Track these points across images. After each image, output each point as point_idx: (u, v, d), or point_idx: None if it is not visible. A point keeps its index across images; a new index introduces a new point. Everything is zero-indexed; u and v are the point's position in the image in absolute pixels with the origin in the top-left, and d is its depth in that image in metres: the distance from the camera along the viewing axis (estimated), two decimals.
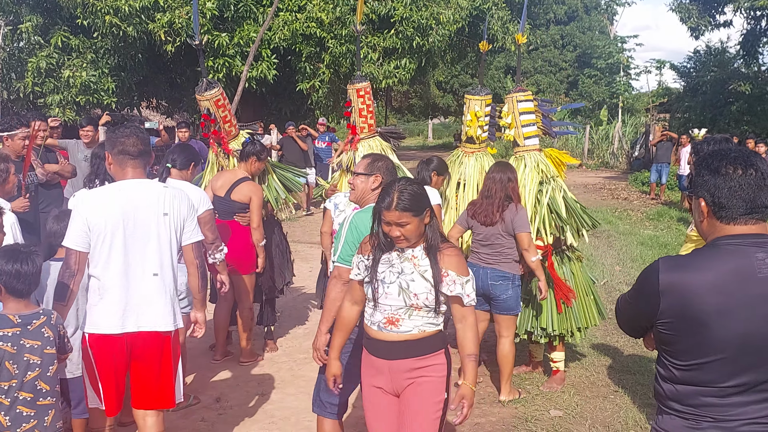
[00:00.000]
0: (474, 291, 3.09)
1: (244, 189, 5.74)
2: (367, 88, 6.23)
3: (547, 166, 5.62)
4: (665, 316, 2.11)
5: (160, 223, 3.54)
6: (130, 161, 3.56)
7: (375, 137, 6.21)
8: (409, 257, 3.08)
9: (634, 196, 18.81)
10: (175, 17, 13.40)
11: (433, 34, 15.50)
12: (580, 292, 5.53)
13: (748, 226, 2.12)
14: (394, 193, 2.98)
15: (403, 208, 2.96)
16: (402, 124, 53.35)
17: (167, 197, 3.59)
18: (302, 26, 14.79)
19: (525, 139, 5.71)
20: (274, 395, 5.38)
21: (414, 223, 3.00)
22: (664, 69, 33.27)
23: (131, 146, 3.55)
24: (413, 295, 3.01)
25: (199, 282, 3.81)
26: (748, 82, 20.38)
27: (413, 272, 3.04)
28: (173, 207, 3.59)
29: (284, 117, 17.62)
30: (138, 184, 3.57)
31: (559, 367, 5.59)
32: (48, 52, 13.62)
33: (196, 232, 3.74)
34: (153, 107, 19.92)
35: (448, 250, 3.09)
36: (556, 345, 5.51)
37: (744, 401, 2.06)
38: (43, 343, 3.16)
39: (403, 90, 34.96)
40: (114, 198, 3.49)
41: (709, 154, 2.20)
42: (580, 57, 41.00)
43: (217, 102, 6.10)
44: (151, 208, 3.52)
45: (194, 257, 3.75)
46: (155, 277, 3.53)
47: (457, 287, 3.02)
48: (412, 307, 3.02)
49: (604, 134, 30.01)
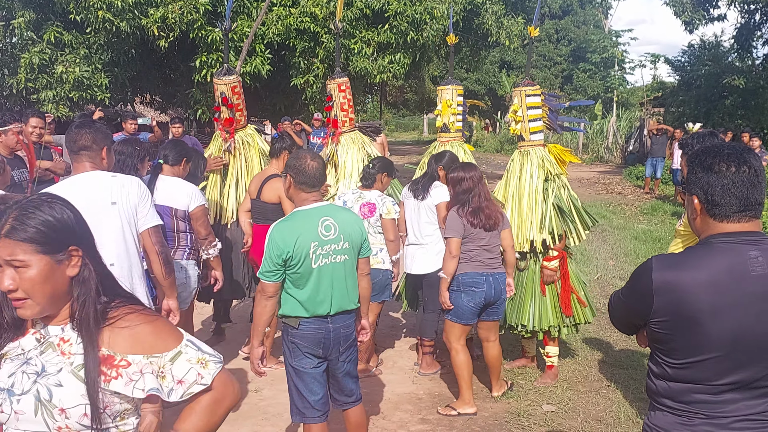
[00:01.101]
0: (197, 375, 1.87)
1: (273, 186, 5.43)
2: (347, 83, 6.34)
3: (552, 163, 5.56)
4: (659, 315, 2.10)
5: (110, 212, 3.55)
6: (76, 156, 3.61)
7: (355, 131, 6.30)
8: (54, 342, 1.81)
9: (629, 190, 18.83)
10: (168, 12, 13.33)
11: (427, 28, 15.47)
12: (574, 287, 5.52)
13: (741, 223, 2.11)
14: (11, 212, 1.73)
15: (24, 238, 1.71)
16: (397, 119, 53.41)
17: (115, 186, 3.59)
18: (296, 21, 14.74)
19: (531, 133, 5.61)
20: (267, 392, 5.38)
21: (41, 269, 1.73)
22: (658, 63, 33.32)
23: (74, 141, 3.60)
24: (59, 411, 1.74)
25: (163, 268, 3.75)
26: (742, 76, 20.43)
27: (61, 370, 1.77)
28: (121, 195, 3.58)
29: (278, 112, 17.58)
30: (85, 176, 3.60)
31: (553, 362, 5.59)
32: (41, 48, 13.54)
33: (150, 217, 3.71)
34: (147, 103, 19.86)
35: (128, 317, 1.82)
36: (551, 340, 5.52)
37: (736, 398, 2.06)
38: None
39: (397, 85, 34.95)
40: (66, 192, 3.44)
41: (702, 151, 2.19)
42: (575, 51, 41.07)
43: (234, 88, 6.21)
44: (99, 199, 3.53)
45: (152, 243, 3.70)
46: (112, 267, 3.50)
47: (149, 381, 1.79)
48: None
49: (598, 129, 30.02)
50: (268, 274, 3.53)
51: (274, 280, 3.54)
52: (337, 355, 3.71)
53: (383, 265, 5.43)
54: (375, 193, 5.46)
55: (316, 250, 3.53)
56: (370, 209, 5.41)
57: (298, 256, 3.49)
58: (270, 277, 3.53)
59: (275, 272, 3.52)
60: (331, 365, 3.75)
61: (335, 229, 3.59)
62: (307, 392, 3.68)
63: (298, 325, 3.61)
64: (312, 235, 3.53)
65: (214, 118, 6.51)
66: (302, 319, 3.60)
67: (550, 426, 4.81)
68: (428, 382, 5.63)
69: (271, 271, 3.52)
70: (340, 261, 3.62)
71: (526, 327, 5.40)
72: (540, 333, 5.49)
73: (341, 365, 3.76)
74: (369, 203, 5.42)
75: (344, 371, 3.79)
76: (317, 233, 3.54)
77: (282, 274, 3.54)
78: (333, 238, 3.58)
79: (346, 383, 3.83)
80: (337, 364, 3.75)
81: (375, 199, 5.42)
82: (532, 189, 5.44)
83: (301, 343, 3.63)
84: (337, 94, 6.27)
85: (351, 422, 3.97)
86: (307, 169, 3.60)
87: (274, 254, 3.49)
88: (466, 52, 20.35)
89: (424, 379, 5.68)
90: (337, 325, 3.65)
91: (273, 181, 5.43)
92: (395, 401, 5.24)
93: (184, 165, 5.09)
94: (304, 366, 3.65)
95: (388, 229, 5.38)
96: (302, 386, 3.69)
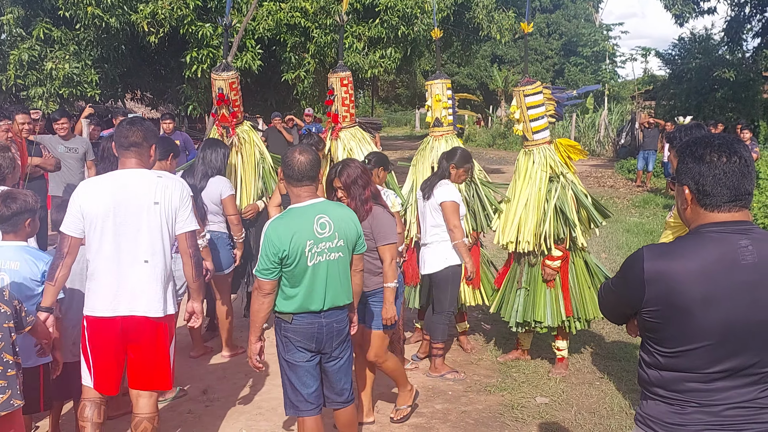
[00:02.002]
0: None
1: None
2: (349, 77, 6.28)
3: (556, 161, 5.54)
4: (650, 305, 2.11)
5: (151, 211, 3.64)
6: (125, 151, 3.71)
7: (355, 127, 6.26)
8: None
9: (621, 183, 18.89)
10: (158, 8, 13.25)
11: (418, 23, 15.43)
12: (580, 282, 5.51)
13: (732, 213, 2.12)
14: None
15: None
16: (389, 114, 53.35)
17: (159, 187, 3.69)
18: (286, 16, 14.67)
19: (534, 133, 5.57)
20: (261, 386, 5.38)
21: None
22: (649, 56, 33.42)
23: (125, 137, 3.69)
24: None
25: (194, 271, 3.87)
26: (732, 69, 20.48)
27: None
28: (164, 196, 3.70)
29: (270, 107, 17.52)
30: (132, 173, 3.70)
31: (563, 355, 5.65)
32: (30, 45, 13.44)
33: (189, 221, 3.82)
34: (137, 99, 19.76)
35: None
36: (562, 335, 5.56)
37: (728, 386, 2.08)
38: (0, 319, 3.21)
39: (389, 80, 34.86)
40: (107, 187, 3.64)
41: (693, 142, 2.20)
42: (566, 45, 41.11)
43: (232, 84, 6.23)
44: (142, 196, 3.64)
45: (187, 246, 3.84)
46: (146, 264, 3.66)
47: None
48: None
49: (590, 122, 30.09)
50: (265, 272, 3.52)
51: (270, 277, 3.53)
52: (330, 350, 3.71)
53: None
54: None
55: (311, 248, 3.52)
56: None
57: (294, 254, 3.49)
58: (267, 275, 3.53)
59: (272, 270, 3.52)
60: (324, 360, 3.74)
61: (330, 226, 3.58)
62: (301, 385, 3.68)
63: (291, 319, 3.61)
64: (307, 233, 3.52)
65: (212, 113, 6.50)
66: (295, 314, 3.60)
67: (543, 418, 4.83)
68: (422, 375, 5.64)
69: (267, 269, 3.51)
70: (335, 258, 3.61)
71: (541, 323, 5.41)
72: (555, 330, 5.50)
73: (334, 361, 3.75)
74: None
75: (336, 367, 3.78)
76: (312, 231, 3.53)
77: (278, 272, 3.53)
78: (328, 235, 3.57)
79: (338, 381, 3.81)
80: (330, 360, 3.74)
81: None
82: (534, 191, 5.44)
83: (293, 338, 3.63)
84: (339, 88, 6.23)
85: (340, 422, 3.96)
86: (292, 162, 3.59)
87: (270, 252, 3.49)
88: (458, 46, 20.31)
89: (418, 373, 5.68)
90: (329, 320, 3.65)
91: None
92: (389, 395, 5.24)
93: (170, 160, 5.29)
94: (297, 360, 3.65)
95: None
96: (295, 380, 3.69)
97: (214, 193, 5.67)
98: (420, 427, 4.73)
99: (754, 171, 2.16)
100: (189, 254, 3.83)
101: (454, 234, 5.22)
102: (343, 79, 6.26)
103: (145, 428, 3.74)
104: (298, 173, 3.59)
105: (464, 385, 5.45)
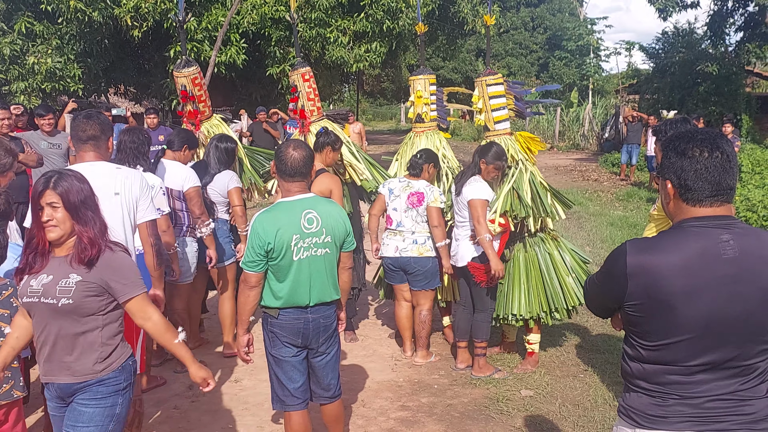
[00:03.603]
0: None
1: (323, 181, 5.37)
2: (310, 72, 6.30)
3: (517, 150, 5.61)
4: (633, 298, 2.14)
5: (112, 202, 3.70)
6: (83, 145, 3.80)
7: (324, 119, 6.27)
8: None
9: (605, 177, 18.99)
10: (141, 2, 13.19)
11: (403, 17, 15.45)
12: (558, 272, 5.50)
13: (714, 207, 2.14)
14: None
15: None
16: (374, 108, 53.27)
17: (118, 178, 3.80)
18: (271, 10, 14.64)
19: (495, 123, 5.65)
20: (247, 382, 5.38)
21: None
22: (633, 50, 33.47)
23: (83, 131, 3.78)
24: None
25: (155, 260, 3.99)
26: (715, 63, 20.56)
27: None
28: (124, 187, 3.80)
29: (254, 102, 17.48)
30: (91, 166, 3.75)
31: (534, 349, 5.64)
32: (12, 39, 13.33)
33: (149, 211, 3.93)
34: (121, 93, 19.65)
35: None
36: (532, 327, 5.54)
37: (709, 378, 2.10)
38: (11, 312, 3.31)
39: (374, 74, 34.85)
40: None
41: (676, 137, 2.22)
42: (551, 39, 41.20)
43: (194, 80, 6.22)
44: (102, 188, 3.63)
45: (148, 235, 3.95)
46: None
47: None
48: None
49: (574, 116, 30.18)
50: (251, 264, 3.53)
51: (256, 270, 3.54)
52: (317, 345, 3.71)
53: (431, 252, 5.52)
54: (423, 183, 5.51)
55: (297, 242, 3.52)
56: (419, 198, 5.47)
57: (279, 248, 3.49)
58: (252, 268, 3.53)
59: (257, 263, 3.52)
60: (311, 355, 3.75)
61: (318, 222, 3.58)
62: (287, 380, 3.69)
63: (278, 314, 3.61)
64: (294, 227, 3.52)
65: (179, 111, 6.51)
66: (281, 309, 3.60)
67: (528, 411, 4.86)
68: (408, 369, 5.66)
69: (253, 261, 3.52)
70: (321, 254, 3.61)
71: (516, 316, 5.42)
72: (531, 321, 5.50)
73: (321, 356, 3.76)
74: (417, 192, 5.48)
75: (323, 363, 3.78)
76: (299, 226, 3.53)
77: (264, 265, 3.54)
78: (315, 231, 3.57)
79: (324, 376, 3.81)
80: (317, 355, 3.75)
81: (423, 188, 5.48)
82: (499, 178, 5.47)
83: (280, 333, 3.63)
84: (302, 84, 6.22)
85: (327, 416, 3.96)
86: (284, 158, 3.60)
87: (256, 245, 3.50)
88: (443, 40, 20.37)
89: (404, 367, 5.70)
90: (316, 315, 3.66)
91: (322, 176, 5.40)
92: (375, 389, 5.26)
93: (185, 151, 5.53)
94: (283, 355, 3.66)
95: (433, 216, 5.44)
96: (282, 374, 3.69)
97: (221, 185, 5.72)
98: (406, 420, 4.75)
99: (736, 166, 2.19)
100: (150, 243, 3.94)
101: (478, 230, 5.09)
102: (305, 74, 6.26)
103: None
104: (290, 169, 3.60)
105: (450, 378, 5.47)
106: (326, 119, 6.30)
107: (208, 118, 6.34)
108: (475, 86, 5.82)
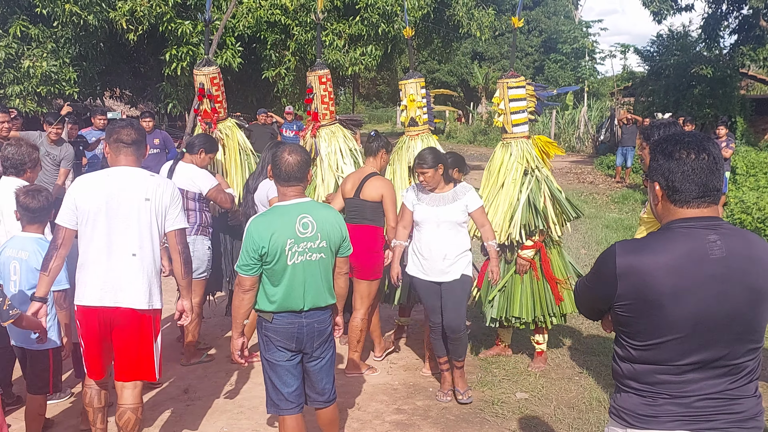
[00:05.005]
0: None
1: (375, 185, 5.38)
2: (328, 75, 6.28)
3: (532, 155, 5.57)
4: (622, 299, 2.16)
5: (142, 207, 3.78)
6: (123, 149, 3.85)
7: (335, 124, 6.26)
8: None
9: (600, 179, 19.03)
10: (136, 5, 13.18)
11: (398, 20, 15.46)
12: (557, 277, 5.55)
13: (701, 209, 2.17)
14: None
15: None
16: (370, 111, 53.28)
17: (150, 184, 3.84)
18: (267, 13, 14.65)
19: (513, 126, 5.60)
20: (242, 385, 5.38)
21: None
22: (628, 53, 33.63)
23: (125, 136, 3.84)
24: None
25: (182, 268, 3.99)
26: (709, 66, 20.62)
27: None
28: (156, 194, 3.83)
29: (250, 105, 17.49)
30: (126, 170, 3.85)
31: (542, 348, 5.71)
32: (7, 42, 13.30)
33: (179, 219, 3.96)
34: (116, 97, 19.64)
35: None
36: (542, 327, 5.60)
37: (698, 378, 2.12)
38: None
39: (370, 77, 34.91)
40: (102, 182, 3.80)
41: (664, 139, 2.25)
42: (546, 42, 41.27)
43: (213, 79, 6.28)
44: (134, 192, 3.78)
45: (177, 243, 3.97)
46: (134, 257, 3.78)
47: None
48: None
49: (570, 119, 30.26)
50: (245, 267, 3.54)
51: (250, 274, 3.55)
52: (311, 350, 3.71)
53: None
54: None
55: (291, 247, 3.53)
56: None
57: (273, 252, 3.49)
58: (247, 271, 3.55)
59: (252, 266, 3.53)
60: (306, 360, 3.75)
61: (313, 226, 3.58)
62: (281, 384, 3.69)
63: (272, 318, 3.62)
64: (288, 231, 3.52)
65: (194, 109, 6.51)
66: (275, 313, 3.61)
67: (523, 413, 4.88)
68: (403, 372, 5.67)
69: (248, 264, 3.53)
70: (316, 259, 3.61)
71: (519, 319, 5.44)
72: (531, 324, 5.55)
73: (315, 361, 3.76)
74: None
75: (318, 367, 3.77)
76: (294, 230, 3.53)
77: (259, 269, 3.54)
78: (310, 235, 3.57)
79: (319, 380, 3.81)
80: (312, 360, 3.75)
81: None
82: (508, 182, 5.48)
83: (274, 337, 3.64)
84: (318, 86, 6.23)
85: (322, 420, 3.96)
86: (280, 163, 3.60)
87: (251, 248, 3.51)
88: (438, 43, 20.36)
89: (399, 370, 5.72)
90: (310, 320, 3.66)
91: (374, 179, 5.41)
92: (371, 392, 5.27)
93: (201, 154, 5.67)
94: (277, 359, 3.66)
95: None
96: (276, 378, 3.70)
97: (261, 194, 5.59)
98: (401, 423, 4.76)
99: (723, 168, 2.22)
100: (178, 251, 3.97)
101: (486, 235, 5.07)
102: (322, 77, 6.25)
103: (128, 419, 3.84)
104: (285, 174, 3.61)
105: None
106: (338, 124, 6.29)
107: (223, 120, 6.38)
108: (494, 91, 5.80)
